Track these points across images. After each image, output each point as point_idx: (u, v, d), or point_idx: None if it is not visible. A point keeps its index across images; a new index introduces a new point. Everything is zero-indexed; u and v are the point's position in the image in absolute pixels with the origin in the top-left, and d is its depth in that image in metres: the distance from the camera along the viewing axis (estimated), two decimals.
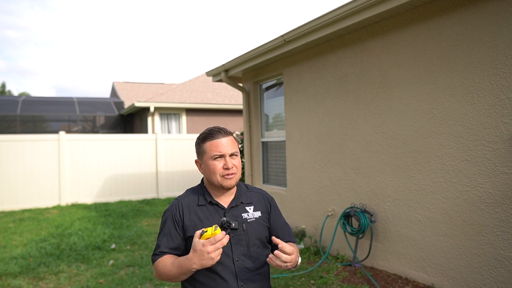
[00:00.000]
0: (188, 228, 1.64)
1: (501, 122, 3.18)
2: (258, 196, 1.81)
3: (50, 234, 6.59)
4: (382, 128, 4.28)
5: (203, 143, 1.67)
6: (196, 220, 1.65)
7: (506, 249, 3.18)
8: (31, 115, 14.72)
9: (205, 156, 1.66)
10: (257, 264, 1.66)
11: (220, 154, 1.63)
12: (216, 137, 1.65)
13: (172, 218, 1.66)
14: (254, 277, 1.64)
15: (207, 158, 1.65)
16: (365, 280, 4.11)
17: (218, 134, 1.65)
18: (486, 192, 3.31)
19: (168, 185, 10.97)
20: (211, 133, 1.66)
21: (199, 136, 1.71)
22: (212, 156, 1.63)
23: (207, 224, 1.63)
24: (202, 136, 1.69)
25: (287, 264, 1.51)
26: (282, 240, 1.70)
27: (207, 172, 1.68)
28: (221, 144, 1.64)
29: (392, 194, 4.20)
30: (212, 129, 1.69)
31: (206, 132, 1.69)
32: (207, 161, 1.65)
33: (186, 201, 1.70)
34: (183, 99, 14.29)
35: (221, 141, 1.64)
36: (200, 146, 1.69)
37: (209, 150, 1.64)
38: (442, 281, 3.70)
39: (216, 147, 1.63)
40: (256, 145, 6.90)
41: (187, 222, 1.65)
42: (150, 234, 6.55)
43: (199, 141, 1.70)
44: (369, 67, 4.43)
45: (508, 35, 3.11)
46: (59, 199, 9.65)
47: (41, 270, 4.79)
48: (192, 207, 1.68)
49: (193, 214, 1.66)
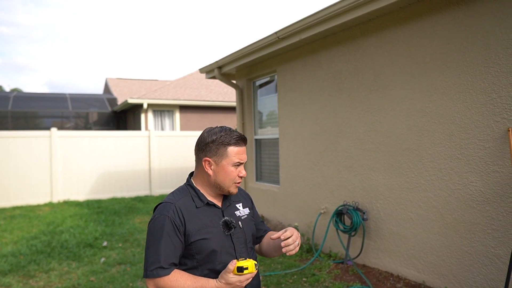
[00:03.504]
0: (191, 233, 1.55)
1: (493, 121, 3.20)
2: (242, 193, 1.85)
3: (41, 231, 6.54)
4: (375, 126, 4.28)
5: (227, 146, 1.60)
6: (199, 223, 1.57)
7: (496, 247, 3.20)
8: (22, 111, 14.57)
9: (225, 160, 1.60)
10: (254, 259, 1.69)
11: (241, 162, 1.64)
12: (241, 145, 1.64)
13: (171, 223, 1.53)
14: None
15: (228, 162, 1.60)
16: (357, 278, 4.13)
17: (243, 142, 1.65)
18: (477, 190, 3.33)
19: (161, 182, 10.93)
20: (237, 139, 1.62)
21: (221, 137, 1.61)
22: (234, 163, 1.61)
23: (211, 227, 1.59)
24: (227, 139, 1.60)
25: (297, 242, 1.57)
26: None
27: (220, 176, 1.61)
28: (243, 153, 1.65)
29: (385, 192, 4.21)
30: (237, 134, 1.63)
31: (231, 135, 1.61)
32: (226, 166, 1.60)
33: (182, 204, 1.59)
34: (176, 96, 14.23)
35: (243, 150, 1.65)
36: (221, 148, 1.60)
37: (233, 156, 1.61)
38: (433, 278, 3.72)
39: (239, 155, 1.62)
40: (250, 143, 6.89)
41: (190, 226, 1.55)
42: (143, 232, 6.51)
43: (222, 143, 1.60)
44: (363, 65, 4.43)
45: (500, 35, 3.12)
46: (51, 196, 9.57)
47: (31, 268, 4.74)
48: (191, 210, 1.59)
49: (194, 218, 1.58)
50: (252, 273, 1.47)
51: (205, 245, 1.55)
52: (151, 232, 1.56)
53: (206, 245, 1.55)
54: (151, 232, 1.56)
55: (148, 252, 1.54)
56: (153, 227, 1.56)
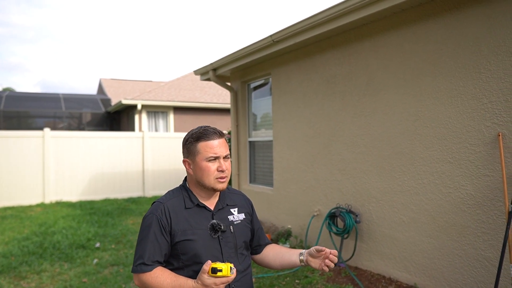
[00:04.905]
0: (177, 233, 1.56)
1: (484, 126, 3.25)
2: (241, 199, 1.81)
3: (33, 232, 6.49)
4: (368, 129, 4.33)
5: (196, 142, 1.59)
6: (186, 224, 1.58)
7: (486, 249, 3.24)
8: (15, 111, 14.45)
9: (198, 157, 1.59)
10: (244, 265, 1.67)
11: (215, 156, 1.58)
12: (212, 138, 1.58)
13: (158, 222, 1.56)
14: (243, 278, 1.65)
15: (201, 159, 1.58)
16: (349, 280, 4.15)
17: (214, 135, 1.59)
18: (468, 194, 3.37)
19: (154, 183, 10.89)
20: (206, 133, 1.59)
21: (192, 135, 1.62)
22: (207, 158, 1.57)
23: (197, 228, 1.58)
24: (196, 135, 1.60)
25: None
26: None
27: (198, 174, 1.60)
28: (216, 146, 1.58)
29: (377, 195, 4.25)
30: (207, 128, 1.61)
31: (200, 131, 1.60)
32: (200, 162, 1.58)
33: (171, 204, 1.60)
34: (171, 97, 14.21)
35: (216, 143, 1.58)
36: (192, 145, 1.60)
37: (204, 151, 1.57)
38: (424, 280, 3.76)
39: (211, 149, 1.57)
40: (244, 145, 6.91)
41: (175, 227, 1.57)
42: (136, 233, 6.49)
43: (192, 140, 1.60)
44: (356, 69, 4.47)
45: (491, 41, 3.18)
46: (43, 196, 9.50)
47: (22, 269, 4.71)
48: (179, 210, 1.60)
49: (181, 218, 1.58)
50: (227, 277, 1.42)
51: (189, 246, 1.56)
52: (140, 230, 1.62)
53: (190, 246, 1.56)
54: (140, 230, 1.62)
55: (136, 249, 1.60)
56: (142, 224, 1.62)
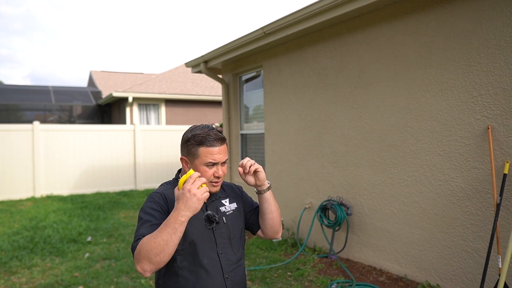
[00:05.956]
0: None
1: (473, 119, 3.27)
2: (230, 188, 1.86)
3: (23, 227, 6.43)
4: (359, 122, 4.33)
5: (198, 146, 1.60)
6: None
7: (475, 241, 3.29)
8: (4, 104, 14.24)
9: (197, 160, 1.61)
10: (238, 256, 1.71)
11: (214, 162, 1.61)
12: (214, 145, 1.60)
13: (156, 203, 1.59)
14: (236, 268, 1.69)
15: (199, 162, 1.61)
16: (340, 272, 4.19)
17: (216, 142, 1.61)
18: (458, 186, 3.40)
19: (146, 176, 10.85)
20: (209, 140, 1.60)
21: (194, 136, 1.62)
22: (206, 163, 1.60)
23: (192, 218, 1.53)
24: (199, 139, 1.61)
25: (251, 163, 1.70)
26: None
27: None
28: (217, 153, 1.61)
29: (368, 188, 4.27)
30: (210, 134, 1.61)
31: (203, 135, 1.61)
32: (198, 165, 1.61)
33: (167, 194, 1.64)
34: (162, 89, 14.10)
35: (217, 150, 1.61)
36: (193, 148, 1.62)
37: (204, 156, 1.60)
38: (414, 272, 3.81)
39: (211, 155, 1.59)
40: (235, 137, 6.89)
41: None
42: (128, 227, 6.48)
43: (194, 143, 1.61)
44: (348, 62, 4.46)
45: (481, 34, 3.18)
46: (33, 191, 9.41)
47: (13, 264, 4.67)
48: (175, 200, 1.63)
49: None
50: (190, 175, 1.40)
51: (185, 235, 1.56)
52: (139, 217, 1.60)
53: (186, 235, 1.57)
54: (139, 217, 1.60)
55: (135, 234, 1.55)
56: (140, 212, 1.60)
